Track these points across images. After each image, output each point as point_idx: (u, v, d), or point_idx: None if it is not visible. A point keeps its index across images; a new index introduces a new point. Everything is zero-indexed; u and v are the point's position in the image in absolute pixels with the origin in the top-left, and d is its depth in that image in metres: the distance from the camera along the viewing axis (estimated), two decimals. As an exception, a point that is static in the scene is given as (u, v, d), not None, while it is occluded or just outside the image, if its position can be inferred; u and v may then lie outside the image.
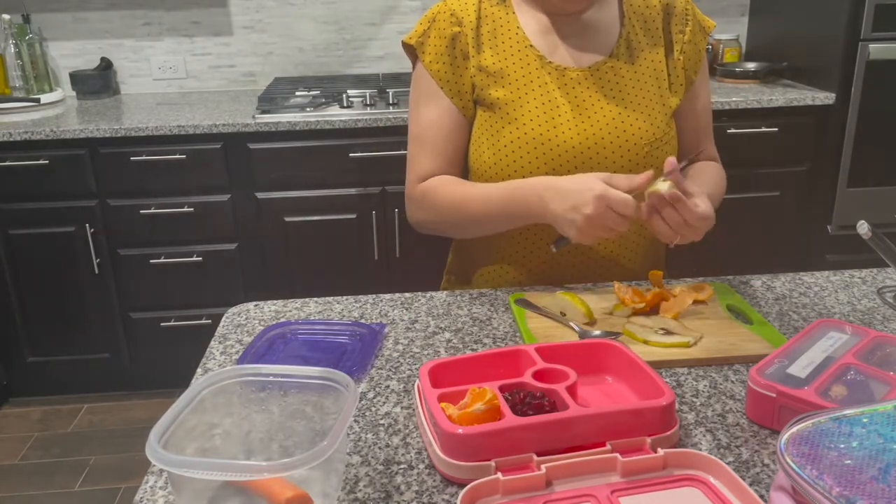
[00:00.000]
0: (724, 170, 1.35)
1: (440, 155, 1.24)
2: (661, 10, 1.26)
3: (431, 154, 1.24)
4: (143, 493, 0.76)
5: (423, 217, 1.26)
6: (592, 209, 1.01)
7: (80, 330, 2.56)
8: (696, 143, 1.31)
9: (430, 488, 0.75)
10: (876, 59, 2.46)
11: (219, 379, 0.77)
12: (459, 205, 1.20)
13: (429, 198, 1.24)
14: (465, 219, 1.21)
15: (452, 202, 1.21)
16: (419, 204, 1.26)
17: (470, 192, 1.20)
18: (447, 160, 1.25)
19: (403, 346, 1.04)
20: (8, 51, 2.81)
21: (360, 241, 2.51)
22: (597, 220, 1.02)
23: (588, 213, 1.02)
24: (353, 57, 2.99)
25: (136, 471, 2.29)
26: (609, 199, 1.01)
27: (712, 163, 1.33)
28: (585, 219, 1.03)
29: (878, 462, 0.59)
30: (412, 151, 1.27)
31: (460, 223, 1.23)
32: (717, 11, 3.02)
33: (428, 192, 1.24)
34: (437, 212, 1.23)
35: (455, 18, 1.23)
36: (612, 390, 0.89)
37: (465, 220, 1.21)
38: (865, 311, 1.11)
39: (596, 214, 1.02)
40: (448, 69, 1.23)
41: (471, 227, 1.24)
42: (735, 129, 2.49)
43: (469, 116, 1.24)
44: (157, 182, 2.42)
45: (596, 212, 1.02)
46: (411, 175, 1.27)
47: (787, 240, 2.70)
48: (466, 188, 1.21)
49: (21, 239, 2.45)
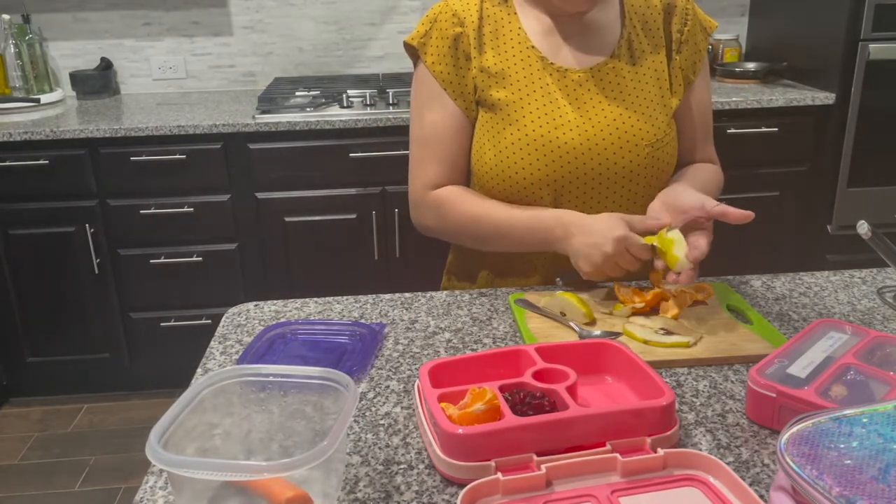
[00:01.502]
0: (724, 170, 1.35)
1: (446, 159, 1.25)
2: (662, 10, 1.26)
3: (437, 158, 1.25)
4: (143, 493, 0.76)
5: (434, 225, 1.27)
6: (612, 249, 1.07)
7: (80, 330, 2.56)
8: (701, 144, 1.31)
9: (430, 488, 0.75)
10: (876, 59, 2.46)
11: (219, 379, 0.77)
12: (477, 221, 1.22)
13: (445, 209, 1.24)
14: (481, 236, 1.23)
15: (471, 218, 1.22)
16: (433, 213, 1.26)
17: (489, 211, 1.21)
18: (453, 164, 1.25)
19: (403, 346, 1.04)
20: (8, 51, 2.81)
21: (360, 241, 2.51)
22: (613, 259, 1.07)
23: (607, 252, 1.07)
24: (353, 57, 2.99)
25: (136, 471, 2.29)
26: (630, 242, 1.06)
27: (709, 165, 1.33)
28: (604, 257, 1.08)
29: (878, 462, 0.59)
30: (416, 154, 1.27)
31: (474, 239, 1.25)
32: (717, 11, 3.02)
33: (444, 204, 1.24)
34: (451, 224, 1.24)
35: (457, 19, 1.23)
36: (612, 390, 0.89)
37: (481, 238, 1.23)
38: (865, 311, 1.11)
39: (614, 254, 1.07)
40: (451, 70, 1.23)
41: (483, 244, 1.25)
42: (735, 129, 2.49)
43: (472, 118, 1.24)
44: (157, 182, 2.42)
45: (615, 252, 1.07)
46: (417, 179, 1.27)
47: (787, 240, 2.70)
48: (486, 206, 1.21)
49: (21, 239, 2.45)
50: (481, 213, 1.21)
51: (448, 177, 1.25)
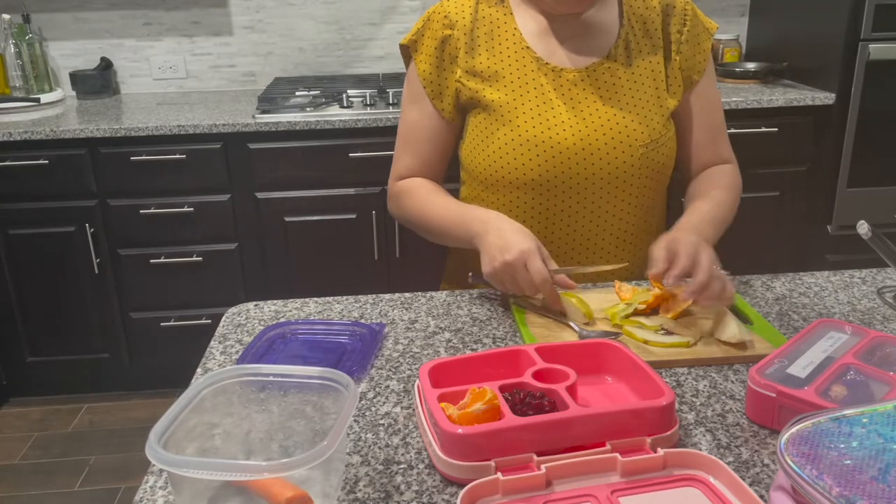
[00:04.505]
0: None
1: (418, 156, 1.29)
2: (661, 12, 1.26)
3: (411, 153, 1.29)
4: (143, 493, 0.76)
5: (398, 214, 1.33)
6: (512, 258, 1.05)
7: (80, 330, 2.56)
8: (709, 144, 1.30)
9: (430, 488, 0.75)
10: (876, 59, 2.46)
11: (219, 379, 0.77)
12: (420, 213, 1.26)
13: (402, 199, 1.30)
14: (426, 228, 1.27)
15: (417, 209, 1.27)
16: (394, 202, 1.32)
17: (432, 203, 1.25)
18: (424, 161, 1.29)
19: (403, 346, 1.04)
20: (8, 51, 2.81)
21: (360, 241, 2.51)
22: (510, 269, 1.05)
23: (507, 259, 1.05)
24: (353, 57, 2.99)
25: (136, 471, 2.29)
26: (530, 261, 1.04)
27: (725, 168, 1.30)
28: (503, 263, 1.06)
29: (878, 462, 0.59)
30: (396, 148, 1.32)
31: (424, 231, 1.28)
32: (717, 11, 3.02)
33: (402, 193, 1.30)
34: (406, 214, 1.30)
35: (448, 21, 1.23)
36: (612, 390, 0.89)
37: (428, 230, 1.27)
38: (865, 311, 1.11)
39: (513, 264, 1.05)
40: (434, 71, 1.24)
41: (431, 236, 1.28)
42: (735, 129, 2.49)
43: (449, 119, 1.26)
44: (157, 182, 2.42)
45: (514, 262, 1.05)
46: (393, 171, 1.32)
47: (787, 240, 2.70)
48: (430, 198, 1.25)
49: (21, 239, 2.45)
50: (427, 206, 1.25)
51: (418, 172, 1.30)
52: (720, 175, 1.29)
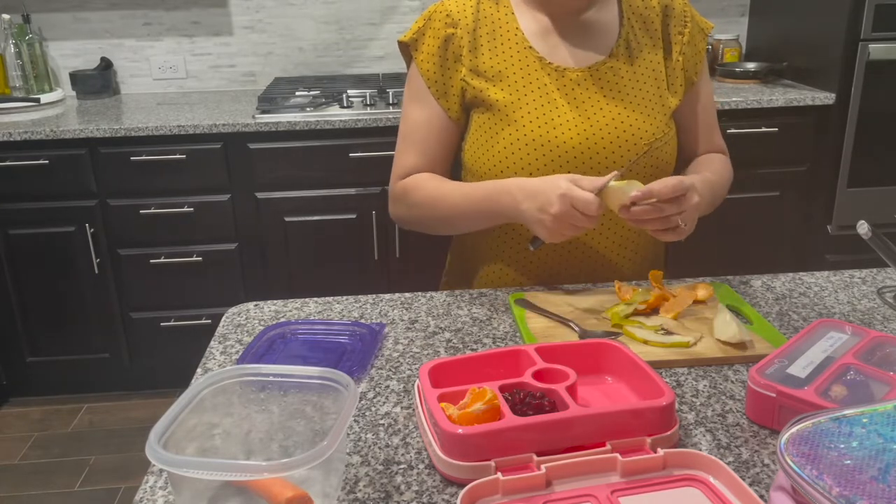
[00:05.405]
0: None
1: (424, 153, 1.26)
2: (661, 12, 1.26)
3: (415, 152, 1.26)
4: (143, 493, 0.76)
5: (400, 212, 1.29)
6: (558, 208, 1.03)
7: (80, 330, 2.56)
8: (705, 138, 1.31)
9: (430, 488, 0.75)
10: (876, 59, 2.46)
11: (219, 379, 0.77)
12: (436, 201, 1.22)
13: (409, 194, 1.25)
14: (441, 215, 1.22)
15: (429, 198, 1.22)
16: (401, 202, 1.28)
17: (447, 189, 1.21)
18: (430, 158, 1.26)
19: (403, 346, 1.04)
20: (8, 51, 2.81)
21: (360, 241, 2.51)
22: (563, 218, 1.04)
23: (554, 212, 1.04)
24: (353, 57, 2.99)
25: (136, 471, 2.29)
26: (573, 197, 1.03)
27: (718, 155, 1.33)
28: (552, 218, 1.04)
29: (877, 462, 0.59)
30: (398, 148, 1.29)
31: (437, 219, 1.24)
32: (717, 11, 3.02)
33: (408, 188, 1.25)
34: (414, 207, 1.25)
35: (450, 20, 1.23)
36: (612, 390, 0.89)
37: (441, 217, 1.23)
38: (865, 311, 1.11)
39: (561, 213, 1.03)
40: (438, 70, 1.23)
41: (446, 223, 1.25)
42: (735, 129, 2.49)
43: (455, 118, 1.25)
44: (157, 182, 2.42)
45: (561, 210, 1.03)
46: (394, 171, 1.29)
47: (787, 240, 2.70)
48: (445, 185, 1.22)
49: (21, 239, 2.45)
50: (440, 193, 1.22)
51: (424, 169, 1.26)
52: (715, 159, 1.31)
